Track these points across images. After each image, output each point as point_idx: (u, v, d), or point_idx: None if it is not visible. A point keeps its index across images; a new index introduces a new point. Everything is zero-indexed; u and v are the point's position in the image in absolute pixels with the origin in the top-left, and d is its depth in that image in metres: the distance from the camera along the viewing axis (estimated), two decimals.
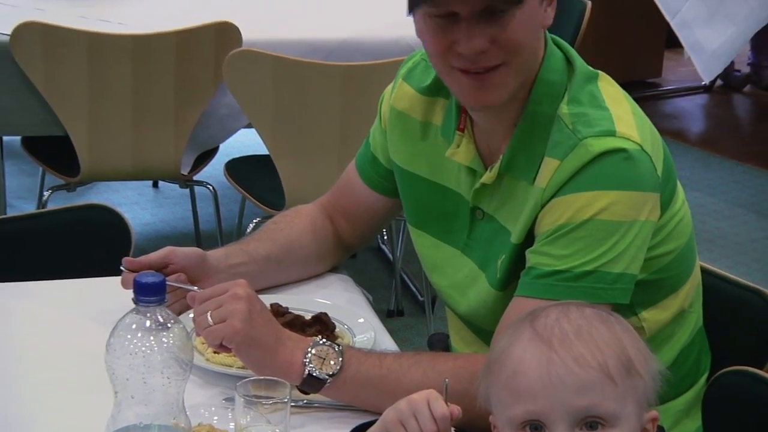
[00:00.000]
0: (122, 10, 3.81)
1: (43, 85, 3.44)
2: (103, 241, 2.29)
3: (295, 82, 3.36)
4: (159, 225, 4.64)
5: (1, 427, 1.68)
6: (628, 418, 1.36)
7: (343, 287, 2.12)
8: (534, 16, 1.75)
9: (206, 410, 1.66)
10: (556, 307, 1.44)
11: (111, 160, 3.60)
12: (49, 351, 1.89)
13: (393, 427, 1.44)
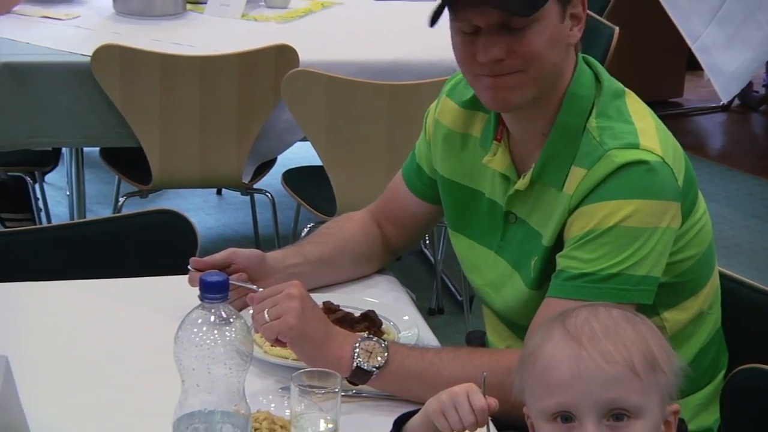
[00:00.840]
0: (191, 34, 3.83)
1: (120, 102, 3.45)
2: (172, 243, 2.30)
3: (347, 99, 3.36)
4: (222, 229, 4.66)
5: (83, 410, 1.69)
6: (652, 411, 1.35)
7: (389, 287, 2.11)
8: (553, 30, 1.75)
9: (264, 398, 1.67)
10: (586, 308, 1.43)
11: (179, 170, 3.61)
12: (123, 342, 1.91)
13: (435, 417, 1.44)
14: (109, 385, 1.78)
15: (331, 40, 3.88)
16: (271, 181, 3.87)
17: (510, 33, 1.72)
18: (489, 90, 1.78)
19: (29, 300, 2.04)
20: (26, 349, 1.62)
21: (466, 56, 1.77)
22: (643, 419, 1.35)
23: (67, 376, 1.79)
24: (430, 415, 1.45)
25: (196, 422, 1.38)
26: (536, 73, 1.75)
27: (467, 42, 1.76)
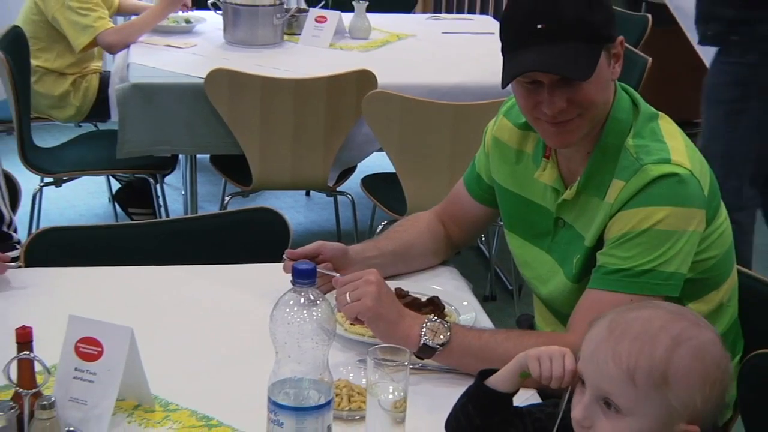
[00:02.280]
0: (288, 60, 3.85)
1: (227, 116, 3.49)
2: (268, 235, 2.30)
3: (417, 116, 3.36)
4: (309, 225, 4.68)
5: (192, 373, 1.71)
6: (644, 417, 1.29)
7: (451, 277, 2.10)
8: (603, 76, 1.73)
9: (344, 369, 1.67)
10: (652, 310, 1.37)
11: (275, 174, 3.63)
12: (227, 318, 1.92)
13: (530, 360, 1.41)
14: (214, 353, 1.79)
15: (405, 66, 3.89)
16: (351, 185, 3.88)
17: (569, 85, 1.70)
18: (552, 135, 1.78)
19: (151, 280, 2.06)
20: (148, 321, 1.64)
21: (529, 104, 1.76)
22: (631, 419, 1.30)
23: (180, 344, 1.80)
24: (526, 359, 1.42)
25: (288, 388, 1.38)
26: (591, 114, 1.74)
27: (530, 91, 1.74)
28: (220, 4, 4.09)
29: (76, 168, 3.97)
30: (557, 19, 1.67)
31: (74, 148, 4.16)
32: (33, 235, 2.16)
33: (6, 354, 1.45)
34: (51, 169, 3.90)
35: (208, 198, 4.64)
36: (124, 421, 1.54)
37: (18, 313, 1.79)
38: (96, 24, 4.08)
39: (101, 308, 1.66)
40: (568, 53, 1.67)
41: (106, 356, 1.51)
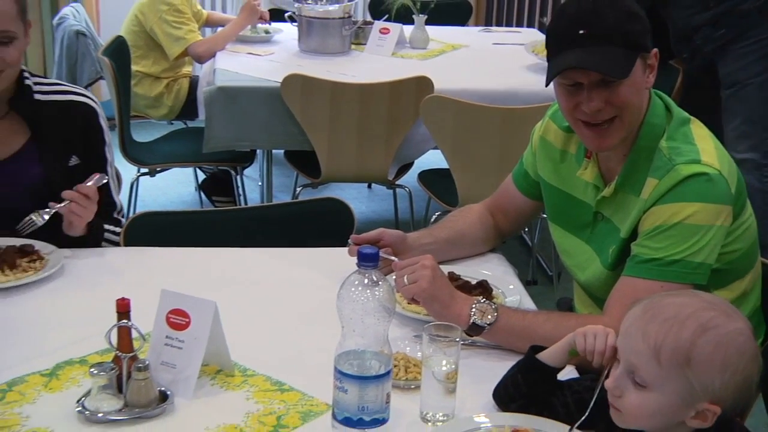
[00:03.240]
0: (354, 67, 3.85)
1: (300, 116, 3.50)
2: (335, 223, 2.30)
3: (469, 118, 3.33)
4: (370, 214, 4.68)
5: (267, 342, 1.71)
6: (666, 393, 1.27)
7: (498, 263, 2.08)
8: (638, 81, 1.70)
9: (402, 342, 1.66)
10: (687, 297, 1.34)
11: (341, 168, 3.64)
12: (298, 296, 1.92)
13: (577, 336, 1.42)
14: (287, 326, 1.79)
15: (459, 73, 3.86)
16: (409, 179, 3.87)
17: (607, 87, 1.68)
18: (590, 138, 1.76)
19: (231, 260, 2.07)
20: (229, 297, 1.64)
21: (570, 105, 1.74)
22: (655, 393, 1.28)
23: (257, 317, 1.81)
24: (574, 335, 1.42)
25: (352, 358, 1.38)
26: (627, 117, 1.72)
27: (570, 93, 1.72)
28: (296, 17, 4.11)
29: (168, 160, 4.02)
30: (598, 26, 1.66)
31: (166, 142, 4.21)
32: (131, 218, 2.18)
33: (108, 322, 1.47)
34: (147, 161, 3.95)
35: (281, 188, 4.66)
36: (208, 384, 1.56)
37: (118, 286, 1.81)
38: (187, 36, 4.13)
39: (189, 284, 1.67)
40: (606, 55, 1.66)
41: (193, 326, 1.52)
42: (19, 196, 2.01)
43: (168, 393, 1.49)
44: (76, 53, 4.21)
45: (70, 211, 1.96)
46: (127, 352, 1.46)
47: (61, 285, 1.90)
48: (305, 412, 1.49)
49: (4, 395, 1.49)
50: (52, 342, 1.67)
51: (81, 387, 1.52)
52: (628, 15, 1.68)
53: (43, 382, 1.54)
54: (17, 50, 1.97)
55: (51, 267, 1.92)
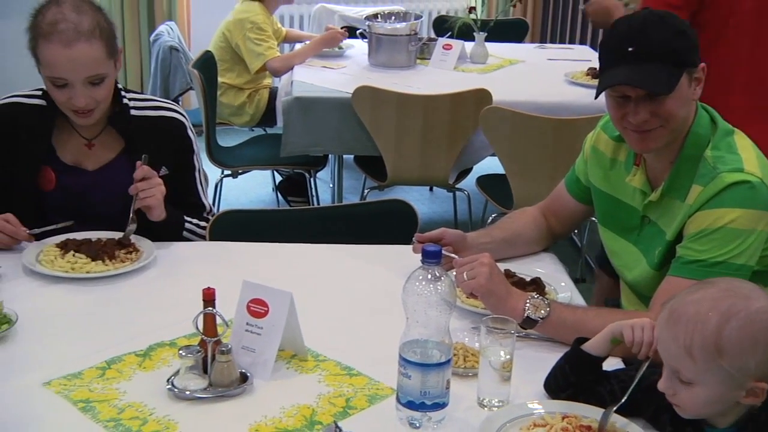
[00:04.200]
0: (419, 80, 3.85)
1: (369, 124, 3.51)
2: (400, 222, 2.30)
3: (525, 128, 3.30)
4: (432, 215, 4.66)
5: (338, 331, 1.71)
6: (709, 384, 1.25)
7: (550, 261, 2.05)
8: (684, 95, 1.67)
9: (461, 333, 1.65)
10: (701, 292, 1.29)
11: (406, 172, 3.64)
12: (366, 289, 1.92)
13: (624, 327, 1.40)
14: (356, 316, 1.80)
15: (516, 86, 3.82)
16: (468, 183, 3.84)
17: (653, 100, 1.66)
18: (636, 141, 1.73)
19: (305, 255, 2.08)
20: (303, 288, 1.65)
21: (618, 115, 1.72)
22: (700, 387, 1.25)
23: (328, 307, 1.82)
24: (620, 327, 1.40)
25: (415, 347, 1.37)
26: (671, 126, 1.69)
27: (619, 104, 1.70)
28: (367, 34, 4.12)
29: (249, 163, 4.06)
30: (645, 44, 1.64)
31: (248, 147, 4.25)
32: (216, 216, 2.21)
33: (195, 309, 1.49)
34: (230, 164, 4.00)
35: (351, 190, 4.67)
36: (284, 367, 1.57)
37: (204, 277, 1.83)
38: (267, 53, 4.17)
39: (267, 276, 1.68)
40: (652, 72, 1.63)
41: (271, 314, 1.53)
42: (113, 204, 2.05)
43: (248, 375, 1.50)
44: (169, 66, 4.29)
45: (141, 199, 1.98)
46: (211, 336, 1.48)
47: (154, 275, 1.93)
48: (372, 395, 1.49)
49: (104, 372, 1.52)
50: (145, 325, 1.69)
51: (171, 367, 1.54)
52: (675, 33, 1.65)
53: (137, 362, 1.56)
54: (107, 88, 1.99)
55: (145, 258, 1.96)
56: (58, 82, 1.94)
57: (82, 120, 2.01)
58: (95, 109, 2.00)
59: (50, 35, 1.90)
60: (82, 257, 1.92)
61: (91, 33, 1.91)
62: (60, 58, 1.90)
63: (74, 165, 2.09)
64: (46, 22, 1.91)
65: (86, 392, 1.46)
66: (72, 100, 1.95)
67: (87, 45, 1.90)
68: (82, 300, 1.80)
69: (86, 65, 1.92)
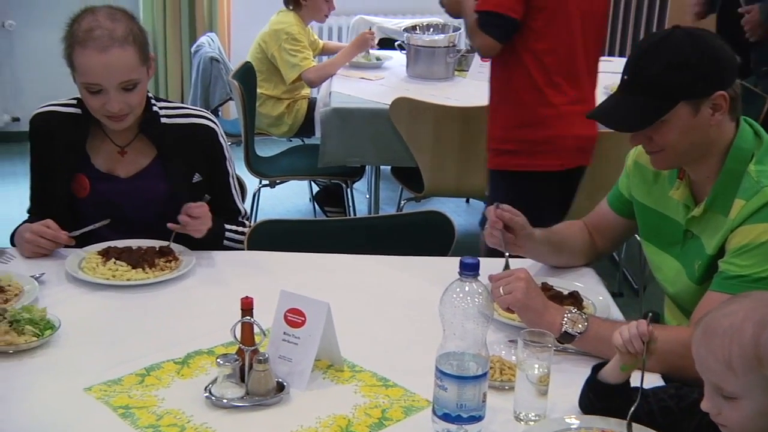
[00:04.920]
0: (457, 91, 3.85)
1: (406, 136, 3.51)
2: (436, 233, 2.29)
3: None
4: (468, 227, 4.64)
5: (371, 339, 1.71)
6: (754, 397, 1.22)
7: (589, 276, 2.03)
8: (685, 125, 1.66)
9: (498, 346, 1.64)
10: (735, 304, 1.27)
11: (443, 184, 3.63)
12: (402, 300, 1.92)
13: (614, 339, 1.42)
14: (392, 327, 1.80)
15: None
16: None
17: (646, 131, 1.69)
18: (650, 160, 1.77)
19: (342, 265, 2.09)
20: (340, 298, 1.65)
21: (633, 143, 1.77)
22: (746, 401, 1.22)
23: (365, 317, 1.82)
24: (612, 341, 1.42)
25: (452, 359, 1.37)
26: (673, 152, 1.70)
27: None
28: (405, 46, 4.13)
29: (287, 173, 4.09)
30: (636, 74, 1.67)
31: (286, 157, 4.28)
32: (254, 225, 2.23)
33: (233, 317, 1.50)
34: (268, 174, 4.03)
35: (387, 201, 4.67)
36: (320, 377, 1.57)
37: (242, 286, 1.85)
38: (302, 63, 4.21)
39: (304, 286, 1.69)
40: (630, 105, 1.67)
41: (308, 324, 1.54)
42: (146, 210, 2.08)
43: (284, 384, 1.51)
44: (210, 77, 4.35)
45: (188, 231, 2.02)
46: (249, 345, 1.49)
47: (193, 283, 1.95)
48: (407, 406, 1.49)
49: (143, 379, 1.54)
50: (184, 333, 1.71)
51: (208, 375, 1.56)
52: (670, 65, 1.63)
53: (176, 369, 1.58)
54: (140, 94, 2.04)
55: (184, 267, 1.98)
56: (92, 88, 1.99)
57: (116, 124, 2.05)
58: (129, 114, 2.04)
59: (86, 42, 1.95)
60: (123, 265, 1.95)
61: (124, 39, 1.96)
62: (95, 63, 1.95)
63: (108, 172, 2.13)
64: (81, 29, 1.97)
65: (126, 398, 1.48)
66: (106, 106, 1.99)
67: (121, 51, 1.95)
68: (122, 307, 1.83)
69: (120, 70, 1.97)
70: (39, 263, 1.98)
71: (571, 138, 2.84)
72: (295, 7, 4.35)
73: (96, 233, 2.08)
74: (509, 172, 2.89)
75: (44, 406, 1.45)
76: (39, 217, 2.05)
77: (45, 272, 1.92)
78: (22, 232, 2.04)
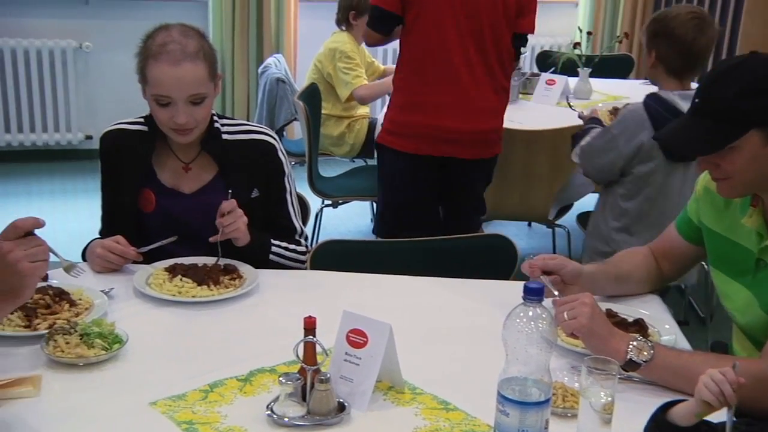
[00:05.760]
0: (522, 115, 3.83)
1: None
2: (499, 257, 2.28)
3: None
4: (530, 251, 4.56)
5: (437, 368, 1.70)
6: None
7: (654, 303, 2.00)
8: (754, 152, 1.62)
9: (561, 372, 1.63)
10: None
11: (506, 207, 3.63)
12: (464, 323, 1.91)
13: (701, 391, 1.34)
14: (454, 350, 1.79)
15: None
16: (568, 219, 3.79)
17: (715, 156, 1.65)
18: (716, 188, 1.74)
19: (405, 287, 2.10)
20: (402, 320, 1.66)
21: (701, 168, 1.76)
22: None
23: (427, 340, 1.81)
24: (698, 393, 1.34)
25: (514, 384, 1.36)
26: (740, 181, 1.66)
27: None
28: None
29: (349, 194, 4.12)
30: (706, 98, 1.64)
31: (348, 178, 4.32)
32: (317, 245, 2.25)
33: (295, 336, 1.52)
34: (330, 194, 4.07)
35: None
36: (381, 398, 1.57)
37: (305, 305, 1.86)
38: (354, 81, 4.27)
39: (366, 306, 1.69)
40: (698, 130, 1.63)
41: (370, 345, 1.54)
42: (209, 225, 2.11)
43: (345, 404, 1.51)
44: (275, 97, 4.42)
45: (225, 232, 2.06)
46: (311, 364, 1.50)
47: (257, 301, 1.98)
48: (468, 431, 1.48)
49: (206, 395, 1.57)
50: (247, 351, 1.73)
51: (270, 393, 1.57)
52: (750, 91, 1.59)
53: (238, 386, 1.60)
54: (206, 109, 2.10)
55: (248, 285, 2.01)
56: (162, 101, 2.06)
57: (181, 138, 2.11)
58: (194, 128, 2.11)
59: (159, 55, 2.04)
60: (188, 282, 1.99)
61: (195, 54, 2.05)
62: (167, 75, 2.03)
63: (172, 188, 2.19)
64: (156, 44, 2.06)
65: (190, 414, 1.50)
66: (174, 118, 2.06)
67: (192, 65, 2.04)
68: (187, 323, 1.86)
69: (190, 84, 2.04)
70: (108, 278, 2.04)
71: (433, 128, 3.07)
72: (347, 27, 4.43)
73: (162, 249, 2.13)
74: (386, 148, 3.21)
75: (111, 420, 1.49)
76: (109, 235, 2.11)
77: (114, 287, 1.97)
78: (93, 247, 2.10)
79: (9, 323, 1.74)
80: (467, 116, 3.06)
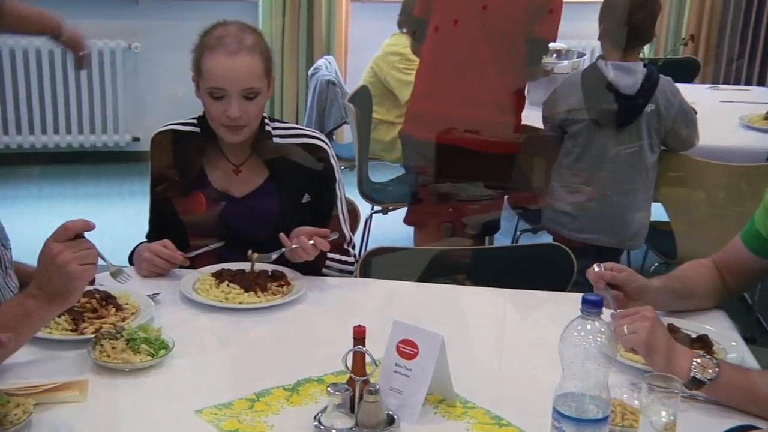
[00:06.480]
0: None
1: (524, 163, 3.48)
2: (556, 268, 2.26)
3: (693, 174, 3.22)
4: None
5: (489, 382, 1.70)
6: None
7: (720, 318, 1.96)
8: None
9: (619, 389, 1.61)
10: None
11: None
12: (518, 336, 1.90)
13: None
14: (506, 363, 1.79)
15: None
16: None
17: None
18: None
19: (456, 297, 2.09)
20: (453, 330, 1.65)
21: None
22: None
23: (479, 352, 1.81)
24: None
25: (570, 400, 1.35)
26: None
27: None
28: None
29: (399, 200, 4.11)
30: None
31: (399, 184, 4.31)
32: (367, 252, 2.26)
33: (344, 346, 1.52)
34: (380, 200, 4.07)
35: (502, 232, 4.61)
36: (431, 412, 1.57)
37: (354, 313, 1.87)
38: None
39: (417, 316, 1.70)
40: None
41: (421, 357, 1.54)
42: (259, 230, 2.13)
43: (395, 417, 1.51)
44: (325, 100, 4.44)
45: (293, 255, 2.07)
46: (360, 375, 1.50)
47: (304, 309, 1.99)
48: None
49: (253, 404, 1.58)
50: (294, 360, 1.75)
51: (318, 403, 1.58)
52: None
53: (285, 396, 1.61)
54: (259, 106, 2.13)
55: (296, 292, 2.02)
56: (216, 93, 2.09)
57: (233, 136, 2.14)
58: (246, 126, 2.13)
59: (215, 47, 2.09)
60: (235, 287, 2.01)
61: (252, 48, 2.09)
62: (223, 66, 2.07)
63: (223, 191, 2.21)
64: (213, 37, 2.11)
65: (235, 423, 1.52)
66: (227, 112, 2.09)
67: (248, 57, 2.08)
68: (233, 330, 1.88)
69: (245, 76, 2.08)
70: (155, 283, 2.07)
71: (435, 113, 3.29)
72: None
73: (210, 252, 2.15)
74: None
75: (156, 426, 1.51)
76: (156, 239, 2.15)
77: (161, 292, 2.00)
78: (140, 251, 2.14)
79: (56, 326, 1.78)
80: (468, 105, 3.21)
